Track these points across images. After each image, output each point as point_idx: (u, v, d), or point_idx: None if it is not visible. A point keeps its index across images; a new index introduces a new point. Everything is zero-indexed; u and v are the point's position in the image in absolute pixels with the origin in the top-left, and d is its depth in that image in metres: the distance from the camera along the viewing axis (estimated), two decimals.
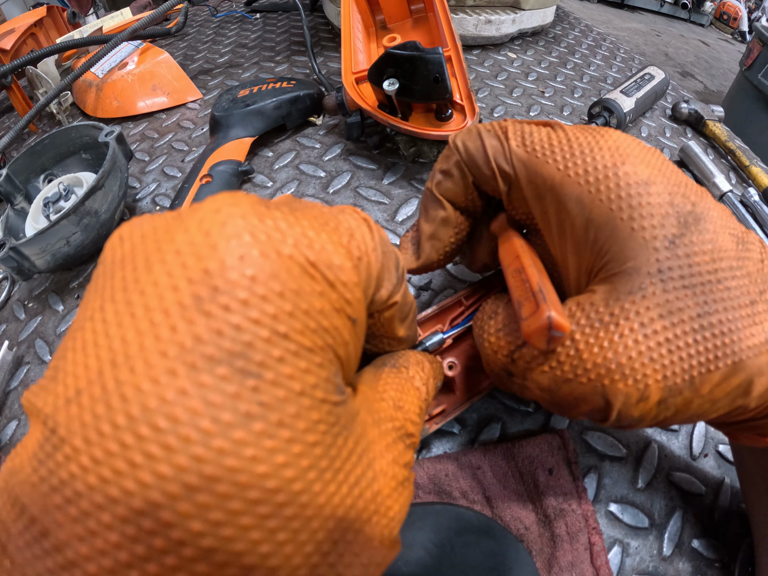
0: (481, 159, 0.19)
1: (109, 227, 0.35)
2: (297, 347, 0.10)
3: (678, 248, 0.15)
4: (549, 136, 0.18)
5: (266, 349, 0.09)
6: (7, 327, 0.33)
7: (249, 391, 0.09)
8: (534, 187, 0.18)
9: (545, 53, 0.60)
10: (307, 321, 0.10)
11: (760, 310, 0.15)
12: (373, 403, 0.14)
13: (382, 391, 0.15)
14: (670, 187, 0.16)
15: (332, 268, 0.11)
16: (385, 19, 0.47)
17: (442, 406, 0.23)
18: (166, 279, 0.09)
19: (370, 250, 0.13)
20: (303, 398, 0.10)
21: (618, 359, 0.15)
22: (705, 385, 0.15)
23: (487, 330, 0.18)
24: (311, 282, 0.10)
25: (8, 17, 1.51)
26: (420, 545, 0.20)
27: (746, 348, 0.15)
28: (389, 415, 0.14)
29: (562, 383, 0.16)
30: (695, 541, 0.22)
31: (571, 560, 0.21)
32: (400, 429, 0.14)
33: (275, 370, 0.09)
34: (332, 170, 0.40)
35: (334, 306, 0.11)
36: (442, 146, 0.40)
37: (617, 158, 0.16)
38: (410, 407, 0.15)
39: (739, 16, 2.87)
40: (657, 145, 0.46)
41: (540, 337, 0.15)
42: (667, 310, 0.15)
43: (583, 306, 0.16)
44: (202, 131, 0.47)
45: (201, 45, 0.65)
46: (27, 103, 0.50)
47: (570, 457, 0.23)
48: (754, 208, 0.39)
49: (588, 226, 0.16)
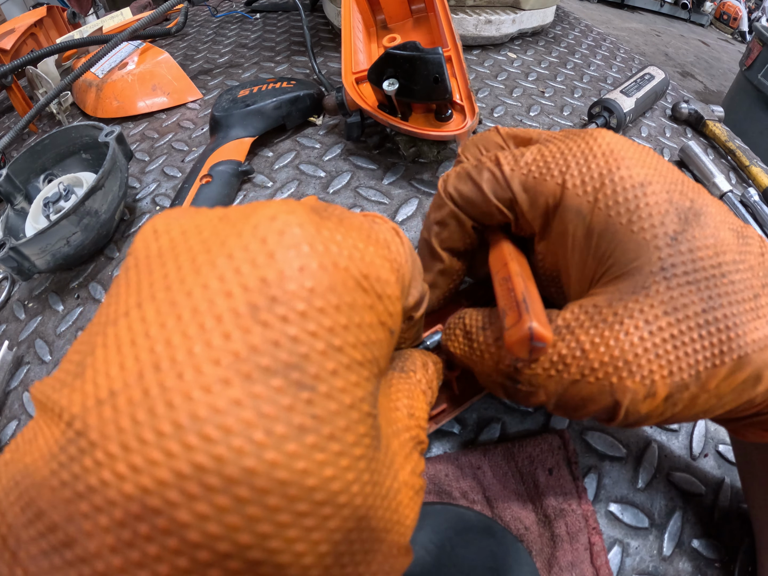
0: (479, 199, 0.19)
1: (109, 227, 0.35)
2: (349, 360, 0.10)
3: (680, 244, 0.15)
4: (541, 152, 0.18)
5: (321, 361, 0.09)
6: (7, 327, 0.33)
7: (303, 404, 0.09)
8: (536, 207, 0.18)
9: (545, 53, 0.60)
10: (359, 334, 0.10)
11: (763, 303, 0.15)
12: (390, 413, 0.14)
13: (395, 399, 0.15)
14: (668, 185, 0.16)
15: (381, 281, 0.11)
16: (385, 19, 0.47)
17: (442, 406, 0.23)
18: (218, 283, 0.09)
19: (404, 262, 0.13)
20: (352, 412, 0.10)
21: (625, 356, 0.15)
22: (711, 380, 0.15)
23: (485, 341, 0.18)
24: (364, 295, 0.11)
25: (8, 17, 1.51)
26: (420, 545, 0.20)
27: (751, 342, 0.14)
28: (405, 424, 0.14)
29: (569, 385, 0.16)
30: (695, 541, 0.22)
31: (571, 560, 0.21)
32: (415, 438, 0.14)
33: (329, 383, 0.09)
34: (332, 170, 0.40)
35: (380, 319, 0.11)
36: (442, 146, 0.40)
37: (612, 163, 0.16)
38: (420, 413, 0.15)
39: (739, 16, 2.87)
40: (657, 145, 0.46)
41: (522, 348, 0.15)
42: (671, 306, 0.15)
43: (586, 308, 0.16)
44: (202, 131, 0.47)
45: (201, 45, 0.65)
46: (27, 103, 0.50)
47: (570, 457, 0.23)
48: (754, 208, 0.39)
49: (589, 235, 0.16)
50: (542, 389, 0.16)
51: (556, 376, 0.16)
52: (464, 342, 0.19)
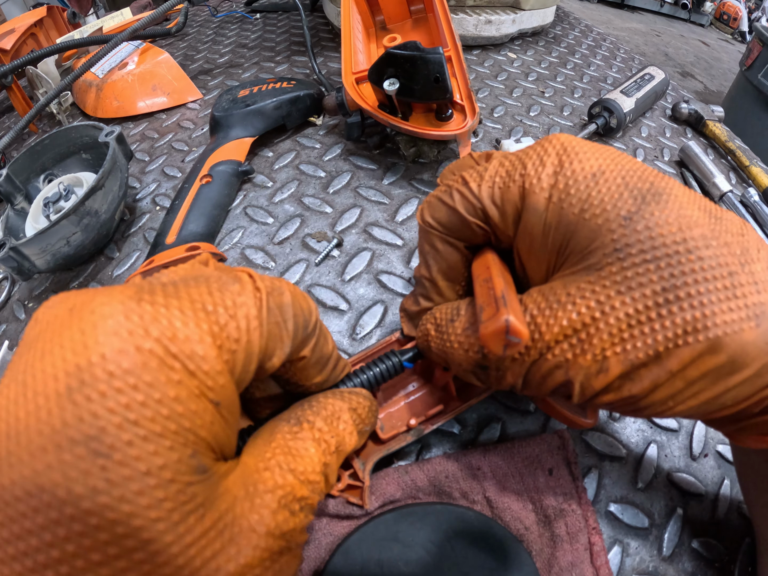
0: (457, 221, 0.19)
1: (109, 227, 0.35)
2: (146, 432, 0.11)
3: (636, 223, 0.15)
4: (502, 163, 0.18)
5: (117, 433, 0.11)
6: (7, 327, 0.33)
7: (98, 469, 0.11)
8: (506, 216, 0.18)
9: (545, 53, 0.60)
10: (159, 408, 0.12)
11: (743, 282, 0.14)
12: (253, 474, 0.14)
13: (268, 459, 0.15)
14: (624, 172, 0.16)
15: (193, 358, 0.12)
16: (384, 20, 0.47)
17: (438, 407, 0.23)
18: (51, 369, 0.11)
19: (251, 329, 0.14)
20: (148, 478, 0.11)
21: (577, 335, 0.15)
22: (672, 360, 0.14)
23: (453, 332, 0.18)
24: (169, 373, 0.12)
25: (8, 17, 1.51)
26: (420, 545, 0.20)
27: (722, 323, 0.14)
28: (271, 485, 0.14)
29: (530, 365, 0.16)
30: (695, 541, 0.22)
31: (571, 560, 0.21)
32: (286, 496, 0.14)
33: (123, 451, 0.11)
34: (332, 170, 0.40)
35: (193, 392, 0.12)
36: (443, 146, 0.40)
37: (564, 159, 0.17)
38: (307, 467, 0.15)
39: (739, 16, 2.87)
40: (657, 145, 0.46)
41: (496, 341, 0.15)
42: (626, 286, 0.15)
43: (543, 291, 0.17)
44: (202, 131, 0.47)
45: (201, 45, 0.65)
46: (27, 103, 0.50)
47: (570, 457, 0.23)
48: (754, 208, 0.39)
49: (545, 232, 0.17)
50: (509, 371, 0.17)
51: (519, 359, 0.16)
52: (436, 335, 0.19)
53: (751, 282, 0.14)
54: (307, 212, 0.37)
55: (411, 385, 0.24)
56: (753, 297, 0.14)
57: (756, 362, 0.14)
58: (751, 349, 0.14)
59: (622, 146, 0.45)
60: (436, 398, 0.24)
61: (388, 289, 0.32)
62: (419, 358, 0.21)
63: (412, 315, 0.22)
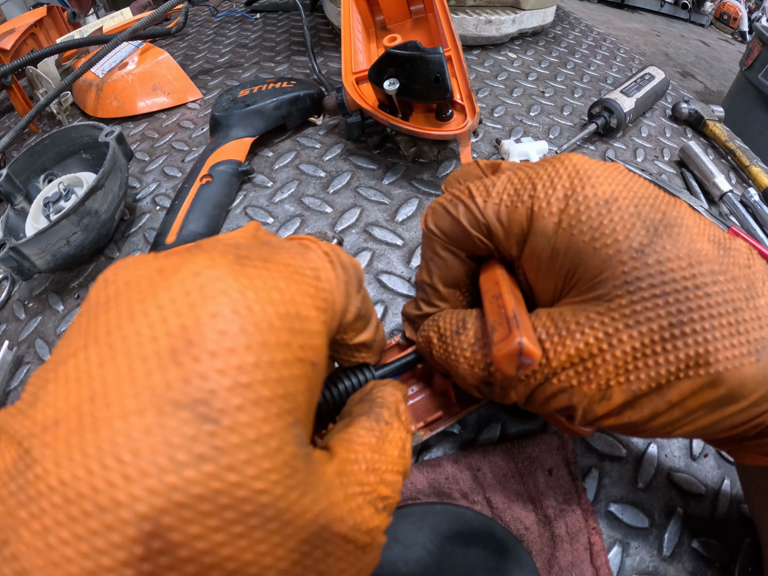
0: (460, 233, 0.19)
1: (109, 227, 0.35)
2: (257, 396, 0.11)
3: (647, 256, 0.15)
4: (511, 180, 0.18)
5: (227, 397, 0.10)
6: (7, 327, 0.33)
7: (206, 435, 0.10)
8: (511, 235, 0.18)
9: (545, 53, 0.60)
10: (269, 371, 0.11)
11: (747, 317, 0.15)
12: (345, 465, 0.14)
13: (357, 452, 0.15)
14: (637, 199, 0.16)
15: (300, 318, 0.12)
16: (384, 20, 0.47)
17: (438, 413, 0.23)
18: (148, 330, 0.11)
19: (334, 288, 0.14)
20: (256, 446, 0.10)
21: (584, 364, 0.16)
22: (673, 392, 0.15)
23: (459, 346, 0.18)
24: (278, 334, 0.11)
25: (8, 17, 1.51)
26: (420, 545, 0.20)
27: (723, 359, 0.14)
28: (359, 479, 0.14)
29: (535, 387, 0.17)
30: (695, 541, 0.22)
31: (571, 560, 0.21)
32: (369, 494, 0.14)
33: (233, 417, 0.10)
34: (332, 170, 0.40)
35: (297, 355, 0.12)
36: (443, 146, 0.40)
37: (576, 183, 0.16)
38: (388, 467, 0.15)
39: (739, 16, 2.86)
40: (657, 145, 0.46)
41: (509, 362, 0.15)
42: (634, 320, 0.15)
43: (552, 315, 0.17)
44: (202, 131, 0.47)
45: (201, 45, 0.65)
46: (27, 103, 0.50)
47: (569, 458, 0.23)
48: (754, 208, 0.39)
49: (554, 257, 0.17)
50: (513, 391, 0.17)
51: (525, 380, 0.17)
52: (439, 344, 0.19)
53: (754, 317, 0.15)
54: (307, 212, 0.37)
55: (410, 389, 0.24)
56: (755, 332, 0.15)
57: (754, 394, 0.15)
58: (750, 383, 0.14)
59: (622, 146, 0.45)
60: (436, 403, 0.23)
61: (389, 289, 0.32)
62: (412, 367, 0.21)
63: (413, 319, 0.22)
